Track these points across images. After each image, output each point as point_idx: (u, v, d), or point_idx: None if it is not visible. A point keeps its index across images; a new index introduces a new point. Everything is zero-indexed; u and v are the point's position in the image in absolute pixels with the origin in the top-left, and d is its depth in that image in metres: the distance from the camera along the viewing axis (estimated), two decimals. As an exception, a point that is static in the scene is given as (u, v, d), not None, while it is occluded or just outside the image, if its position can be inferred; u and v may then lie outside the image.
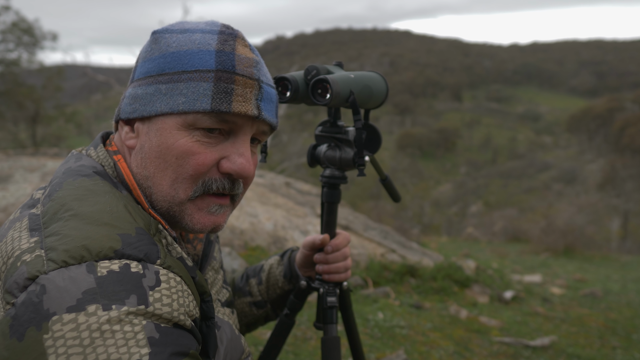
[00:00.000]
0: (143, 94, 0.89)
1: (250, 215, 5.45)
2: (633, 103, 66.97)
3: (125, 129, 0.93)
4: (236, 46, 0.90)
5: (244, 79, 0.87)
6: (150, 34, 0.94)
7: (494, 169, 63.18)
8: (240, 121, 0.88)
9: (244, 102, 0.87)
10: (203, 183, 0.88)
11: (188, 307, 0.77)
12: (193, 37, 0.89)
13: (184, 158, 0.86)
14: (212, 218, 0.91)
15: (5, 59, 22.53)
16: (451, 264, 4.89)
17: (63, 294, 0.68)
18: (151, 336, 0.69)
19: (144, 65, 0.91)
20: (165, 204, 0.89)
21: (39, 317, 0.67)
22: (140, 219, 0.82)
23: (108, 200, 0.82)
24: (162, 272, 0.76)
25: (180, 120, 0.86)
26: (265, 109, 0.90)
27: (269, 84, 0.93)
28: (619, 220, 30.91)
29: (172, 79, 0.87)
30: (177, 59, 0.88)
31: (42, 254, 0.73)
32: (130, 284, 0.71)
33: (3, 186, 5.72)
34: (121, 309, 0.68)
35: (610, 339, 3.87)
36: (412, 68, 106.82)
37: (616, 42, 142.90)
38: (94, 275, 0.70)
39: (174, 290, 0.75)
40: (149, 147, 0.89)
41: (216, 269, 1.16)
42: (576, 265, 8.56)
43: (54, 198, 0.83)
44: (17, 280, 0.71)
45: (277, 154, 28.94)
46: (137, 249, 0.76)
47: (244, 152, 0.89)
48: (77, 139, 24.92)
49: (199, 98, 0.85)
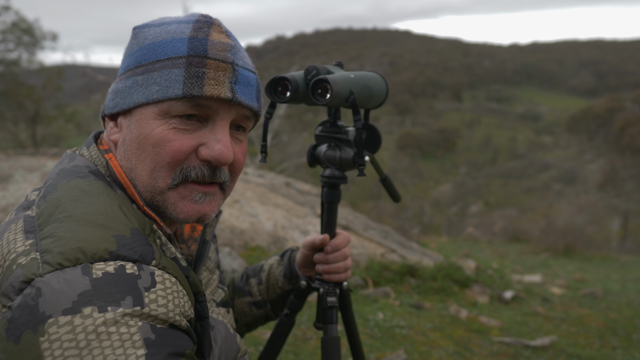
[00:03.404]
0: (123, 88, 0.90)
1: (250, 215, 5.45)
2: (633, 103, 66.97)
3: (110, 125, 0.94)
4: (210, 32, 0.89)
5: (216, 62, 0.86)
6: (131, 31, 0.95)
7: (494, 169, 63.19)
8: (215, 105, 0.87)
9: (217, 85, 0.85)
10: (181, 170, 0.87)
11: (183, 308, 0.77)
12: (169, 28, 0.89)
13: (160, 146, 0.86)
14: (197, 207, 0.89)
15: (5, 59, 22.55)
16: (451, 264, 4.89)
17: (59, 296, 0.68)
18: (147, 337, 0.69)
19: (125, 60, 0.92)
20: (148, 194, 0.88)
21: (35, 320, 0.67)
22: (135, 219, 0.82)
23: (102, 201, 0.82)
24: (158, 273, 0.76)
25: (156, 109, 0.86)
26: (241, 92, 0.88)
27: (247, 67, 0.91)
28: (619, 220, 30.91)
29: (147, 69, 0.87)
30: (152, 49, 0.88)
31: (38, 256, 0.73)
32: (125, 286, 0.71)
33: (3, 186, 5.72)
34: (117, 310, 0.68)
35: (610, 339, 3.87)
36: (412, 68, 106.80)
37: (616, 42, 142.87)
38: (89, 277, 0.70)
39: (169, 291, 0.75)
40: (129, 139, 0.89)
41: (211, 269, 1.16)
42: (576, 265, 8.56)
43: (48, 199, 0.83)
44: (13, 283, 0.71)
45: (277, 154, 28.92)
46: (132, 250, 0.76)
47: (222, 138, 0.88)
48: (77, 139, 24.91)
49: (171, 85, 0.85)
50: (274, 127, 21.87)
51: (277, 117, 20.65)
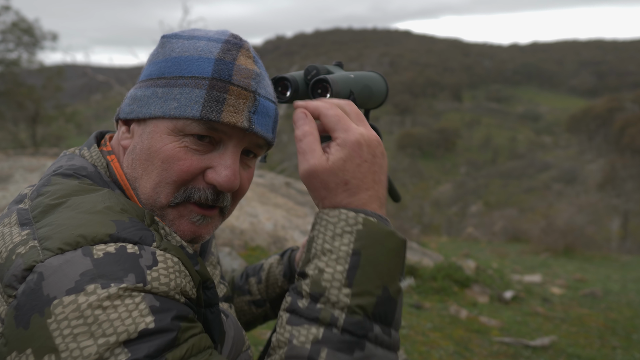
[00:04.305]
0: (142, 96, 0.90)
1: (250, 215, 5.45)
2: (633, 103, 67.00)
3: (122, 129, 0.93)
4: (238, 56, 0.88)
5: (238, 89, 0.86)
6: (159, 39, 0.94)
7: (494, 169, 63.22)
8: (230, 132, 0.86)
9: (235, 113, 0.85)
10: (185, 190, 0.87)
11: (185, 288, 0.77)
12: (197, 44, 0.89)
13: (169, 162, 0.85)
14: (193, 228, 0.89)
15: (5, 59, 22.58)
16: (451, 264, 4.89)
17: (61, 277, 0.69)
18: (152, 305, 0.70)
19: (148, 68, 0.92)
20: (148, 207, 0.88)
21: (41, 304, 0.68)
22: (134, 211, 0.82)
23: (100, 194, 0.83)
24: (159, 252, 0.76)
25: (171, 125, 0.86)
26: (258, 122, 0.88)
27: (268, 97, 0.91)
28: (619, 220, 30.93)
29: (169, 84, 0.87)
30: (177, 64, 0.88)
31: (37, 244, 0.74)
32: (127, 264, 0.72)
33: (3, 186, 5.72)
34: (120, 285, 0.69)
35: (610, 339, 3.87)
36: (412, 68, 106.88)
37: (616, 42, 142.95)
38: (90, 258, 0.71)
39: (171, 270, 0.75)
40: (140, 149, 0.89)
41: (214, 264, 1.17)
42: (576, 265, 8.56)
43: (42, 192, 0.83)
44: (15, 272, 0.71)
45: (277, 154, 28.92)
46: (131, 233, 0.76)
47: (231, 165, 0.87)
48: (77, 139, 24.91)
49: (190, 104, 0.85)
50: (274, 127, 21.86)
51: (277, 117, 20.67)
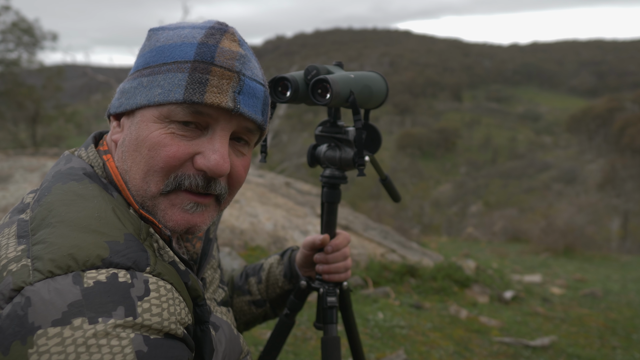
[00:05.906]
0: (129, 88, 0.89)
1: (250, 215, 5.45)
2: (633, 103, 66.95)
3: (113, 124, 0.93)
4: (222, 39, 0.87)
5: (221, 70, 0.84)
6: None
7: (494, 169, 63.19)
8: (216, 114, 0.85)
9: (219, 93, 0.84)
10: (175, 178, 0.85)
11: (180, 315, 0.75)
12: (182, 32, 0.88)
13: (155, 149, 0.84)
14: (187, 216, 0.87)
15: (5, 59, 22.54)
16: (451, 264, 4.89)
17: (48, 306, 0.66)
18: (139, 350, 0.67)
19: (136, 61, 0.92)
20: (140, 198, 0.86)
21: (24, 331, 0.65)
22: (130, 224, 0.80)
23: (96, 205, 0.80)
24: (152, 280, 0.74)
25: (156, 113, 0.85)
26: (245, 103, 0.86)
27: (255, 79, 0.89)
28: (619, 220, 30.92)
29: (153, 72, 0.87)
30: (161, 52, 0.87)
31: (29, 263, 0.72)
32: (117, 295, 0.69)
33: (3, 186, 5.72)
34: (108, 321, 0.67)
35: (610, 339, 3.87)
36: (412, 68, 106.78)
37: (616, 42, 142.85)
38: (80, 287, 0.68)
39: (164, 299, 0.73)
40: (128, 140, 0.87)
41: (215, 268, 1.15)
42: (576, 265, 8.56)
43: (42, 203, 0.82)
44: (3, 290, 0.70)
45: (277, 154, 28.89)
46: (125, 256, 0.74)
47: (219, 149, 0.85)
48: (77, 139, 24.90)
49: (173, 89, 0.84)
50: (274, 127, 21.90)
51: (277, 117, 20.70)
